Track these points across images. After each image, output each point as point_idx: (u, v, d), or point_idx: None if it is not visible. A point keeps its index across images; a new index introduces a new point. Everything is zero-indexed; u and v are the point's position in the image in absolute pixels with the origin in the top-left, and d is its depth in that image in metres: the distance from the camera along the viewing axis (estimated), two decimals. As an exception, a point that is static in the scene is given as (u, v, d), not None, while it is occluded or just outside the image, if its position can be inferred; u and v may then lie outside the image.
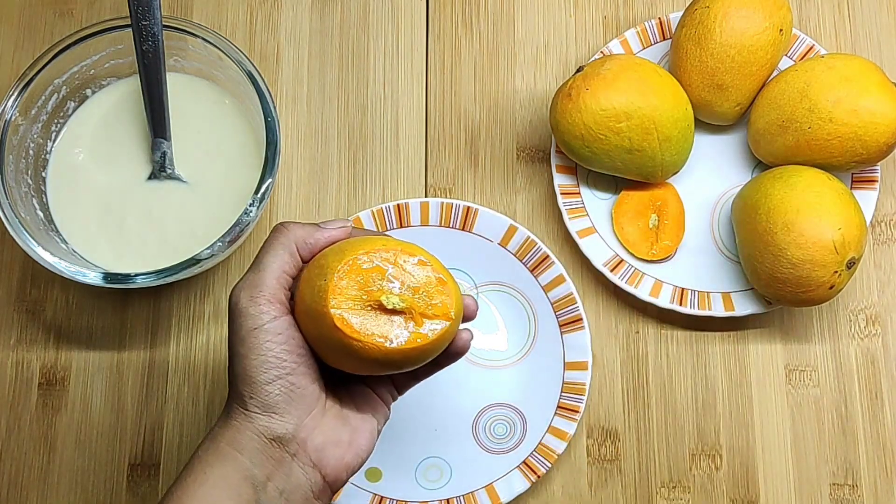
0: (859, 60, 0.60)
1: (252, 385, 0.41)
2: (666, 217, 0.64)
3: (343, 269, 0.41)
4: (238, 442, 0.42)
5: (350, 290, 0.41)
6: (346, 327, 0.41)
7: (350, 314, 0.41)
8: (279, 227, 0.44)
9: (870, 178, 0.64)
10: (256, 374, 0.41)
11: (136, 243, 0.61)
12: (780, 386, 0.63)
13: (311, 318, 0.42)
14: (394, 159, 0.68)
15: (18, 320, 0.65)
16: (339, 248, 0.43)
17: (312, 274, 0.43)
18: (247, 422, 0.42)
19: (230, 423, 0.42)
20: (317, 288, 0.42)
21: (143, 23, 0.58)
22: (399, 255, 0.42)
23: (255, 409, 0.42)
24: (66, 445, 0.63)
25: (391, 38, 0.70)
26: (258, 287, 0.42)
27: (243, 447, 0.42)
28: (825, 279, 0.56)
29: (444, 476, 0.62)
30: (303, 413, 0.43)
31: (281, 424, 0.42)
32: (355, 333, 0.41)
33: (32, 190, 0.61)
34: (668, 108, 0.59)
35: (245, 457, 0.42)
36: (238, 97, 0.63)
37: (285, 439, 0.42)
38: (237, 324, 0.42)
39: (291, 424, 0.42)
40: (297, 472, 0.43)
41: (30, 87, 0.59)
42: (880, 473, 0.62)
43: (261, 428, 0.42)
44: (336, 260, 0.42)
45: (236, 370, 0.42)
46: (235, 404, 0.42)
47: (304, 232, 0.44)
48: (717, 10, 0.60)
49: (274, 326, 0.42)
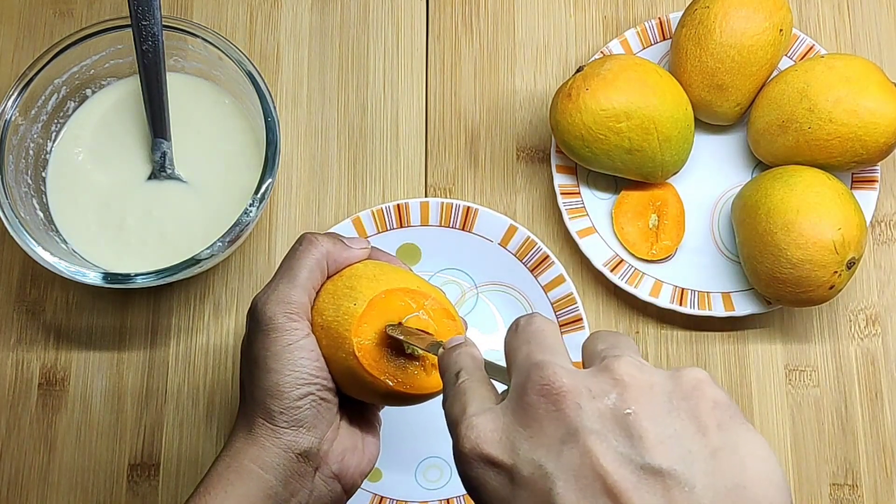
0: (859, 60, 0.60)
1: (283, 400, 0.41)
2: (666, 217, 0.64)
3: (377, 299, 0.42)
4: (262, 459, 0.41)
5: (376, 322, 0.42)
6: (364, 359, 0.41)
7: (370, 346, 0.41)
8: (311, 239, 0.44)
9: (870, 178, 0.64)
10: (290, 390, 0.41)
11: (136, 243, 0.61)
12: (780, 386, 0.63)
13: (329, 336, 0.43)
14: (394, 159, 0.68)
15: (18, 320, 0.65)
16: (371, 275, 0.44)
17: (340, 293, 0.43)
18: (274, 437, 0.41)
19: (253, 438, 0.42)
20: (343, 309, 0.42)
21: (143, 23, 0.58)
22: (430, 302, 0.43)
23: (284, 424, 0.41)
24: (66, 445, 0.63)
25: (391, 38, 0.70)
26: (292, 303, 0.42)
27: (268, 465, 0.41)
28: (825, 279, 0.56)
29: (444, 476, 0.62)
30: (325, 427, 0.43)
31: (308, 439, 0.42)
32: (370, 367, 0.41)
33: (32, 190, 0.61)
34: (668, 108, 0.59)
35: (270, 475, 0.41)
36: (238, 97, 0.63)
37: (311, 453, 0.42)
38: (271, 339, 0.42)
39: (317, 439, 0.42)
40: (320, 485, 0.43)
41: (30, 87, 0.59)
42: (880, 473, 0.62)
43: (288, 443, 0.42)
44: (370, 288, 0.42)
45: (265, 384, 0.41)
46: (260, 419, 0.42)
47: (334, 248, 0.44)
48: (717, 10, 0.60)
49: (307, 343, 0.42)
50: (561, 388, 0.29)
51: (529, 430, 0.29)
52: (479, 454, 0.30)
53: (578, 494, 0.27)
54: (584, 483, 0.27)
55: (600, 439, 0.28)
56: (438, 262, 0.64)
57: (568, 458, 0.28)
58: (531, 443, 0.29)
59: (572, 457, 0.28)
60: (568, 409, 0.29)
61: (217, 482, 0.41)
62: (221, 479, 0.42)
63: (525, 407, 0.30)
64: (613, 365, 0.29)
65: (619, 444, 0.28)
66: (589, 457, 0.27)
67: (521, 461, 0.29)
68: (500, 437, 0.30)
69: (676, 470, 0.27)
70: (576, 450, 0.28)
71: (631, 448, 0.27)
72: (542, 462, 0.28)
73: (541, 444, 0.29)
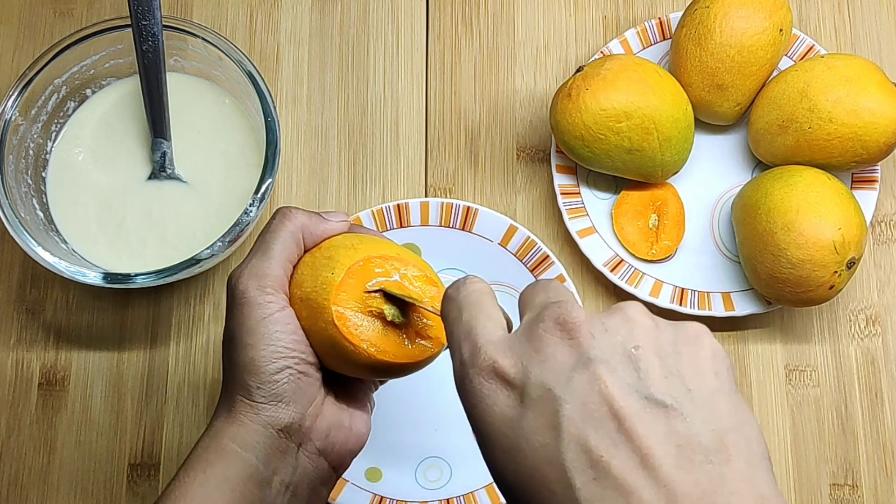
0: (859, 60, 0.60)
1: (260, 375, 0.40)
2: (666, 217, 0.64)
3: (355, 267, 0.41)
4: (242, 437, 0.41)
5: (355, 290, 0.41)
6: (343, 326, 0.40)
7: (350, 314, 0.41)
8: (285, 212, 0.43)
9: (870, 178, 0.64)
10: (266, 364, 0.40)
11: (136, 243, 0.61)
12: (780, 386, 0.63)
13: (309, 307, 0.42)
14: (394, 159, 0.68)
15: (18, 320, 0.65)
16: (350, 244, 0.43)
17: (318, 263, 0.42)
18: (252, 414, 0.41)
19: (233, 417, 0.41)
20: (321, 279, 0.41)
21: (143, 23, 0.58)
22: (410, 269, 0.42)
23: (262, 399, 0.41)
24: (66, 446, 0.63)
25: (391, 38, 0.70)
26: (266, 276, 0.41)
27: (248, 443, 0.41)
28: (825, 279, 0.56)
29: (444, 476, 0.62)
30: (307, 402, 0.42)
31: (288, 414, 0.41)
32: (350, 335, 0.40)
33: (32, 190, 0.61)
34: (668, 108, 0.59)
35: (251, 453, 0.41)
36: (238, 97, 0.63)
37: (292, 429, 0.41)
38: (243, 313, 0.41)
39: (298, 413, 0.41)
40: (304, 461, 0.42)
41: (30, 87, 0.59)
42: (880, 473, 0.62)
43: (268, 419, 0.41)
44: (347, 256, 0.41)
45: (241, 360, 0.41)
46: (239, 396, 0.41)
47: (310, 220, 0.43)
48: (717, 10, 0.60)
49: (283, 316, 0.41)
50: (576, 320, 0.31)
51: (541, 355, 0.30)
52: (495, 368, 0.31)
53: (585, 417, 0.28)
54: (591, 408, 0.29)
55: (609, 369, 0.29)
56: (438, 262, 0.64)
57: (577, 384, 0.29)
58: (542, 367, 0.30)
59: (582, 383, 0.29)
60: (582, 338, 0.30)
61: (196, 463, 0.41)
62: (201, 459, 0.41)
63: (539, 335, 0.31)
64: (625, 307, 0.31)
65: (626, 375, 0.29)
66: (598, 384, 0.29)
67: (531, 384, 0.30)
68: (513, 360, 0.31)
69: (678, 404, 0.29)
70: (585, 376, 0.29)
71: (637, 380, 0.29)
72: (551, 386, 0.29)
73: (551, 370, 0.30)
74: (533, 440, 0.29)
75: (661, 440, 0.28)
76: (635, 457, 0.28)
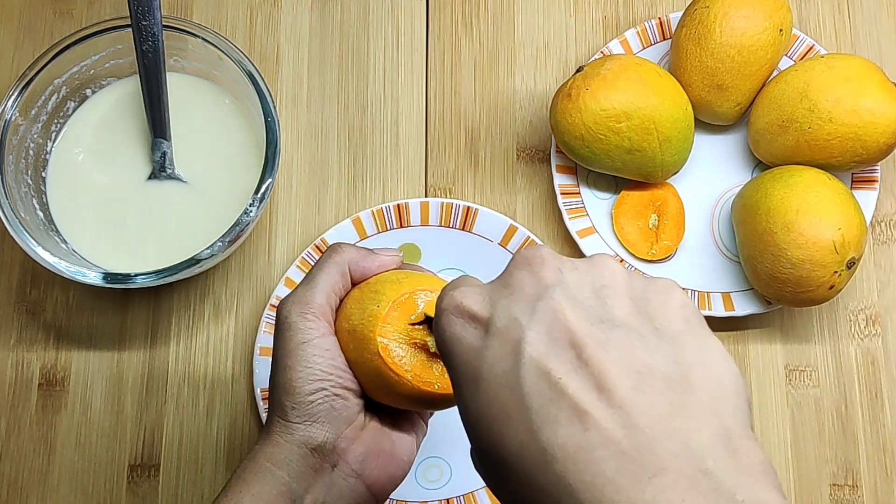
0: (859, 60, 0.60)
1: (295, 395, 0.42)
2: (666, 217, 0.64)
3: (399, 300, 0.42)
4: (275, 456, 0.42)
5: (400, 323, 0.42)
6: (388, 357, 0.42)
7: (394, 345, 0.42)
8: (334, 247, 0.46)
9: (870, 178, 0.64)
10: (301, 385, 0.42)
11: (136, 243, 0.61)
12: (780, 386, 0.63)
13: (355, 339, 0.43)
14: (394, 159, 0.68)
15: (18, 320, 0.65)
16: (395, 279, 0.44)
17: (365, 297, 0.44)
18: (287, 433, 0.42)
19: (270, 437, 0.43)
20: (367, 312, 0.43)
21: (143, 23, 0.58)
22: None
23: (297, 419, 0.42)
24: (65, 446, 0.63)
25: (391, 38, 0.70)
26: (308, 304, 0.43)
27: (281, 461, 0.42)
28: (825, 279, 0.56)
29: (444, 476, 0.62)
30: (342, 424, 0.43)
31: (322, 434, 0.43)
32: (394, 365, 0.42)
33: (32, 190, 0.61)
34: (668, 108, 0.59)
35: (283, 471, 0.42)
36: (238, 97, 0.63)
37: (325, 449, 0.43)
38: (286, 337, 0.43)
39: (332, 434, 0.43)
40: (339, 482, 0.43)
41: (30, 87, 0.59)
42: (880, 473, 0.62)
43: (301, 438, 0.42)
44: (393, 290, 0.43)
45: (280, 381, 0.43)
46: (276, 416, 0.43)
47: (358, 255, 0.45)
48: (717, 10, 0.60)
49: (321, 342, 0.43)
50: (545, 257, 0.32)
51: (509, 289, 0.31)
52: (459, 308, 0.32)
53: (546, 344, 0.29)
54: (554, 335, 0.29)
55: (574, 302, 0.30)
56: (438, 262, 0.64)
57: (541, 312, 0.29)
58: (510, 300, 0.31)
59: (546, 311, 0.29)
60: (548, 271, 0.31)
61: (235, 485, 0.43)
62: (239, 480, 0.43)
63: (509, 273, 0.32)
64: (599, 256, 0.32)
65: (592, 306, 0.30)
66: (562, 313, 0.29)
67: (497, 314, 0.31)
68: (482, 298, 0.32)
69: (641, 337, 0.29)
70: (550, 305, 0.30)
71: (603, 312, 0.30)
72: (516, 315, 0.30)
73: (518, 301, 0.30)
74: (495, 367, 0.29)
75: (621, 366, 0.28)
76: (592, 380, 0.27)
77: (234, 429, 0.63)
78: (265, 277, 0.65)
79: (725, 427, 0.27)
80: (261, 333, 0.62)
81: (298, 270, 0.63)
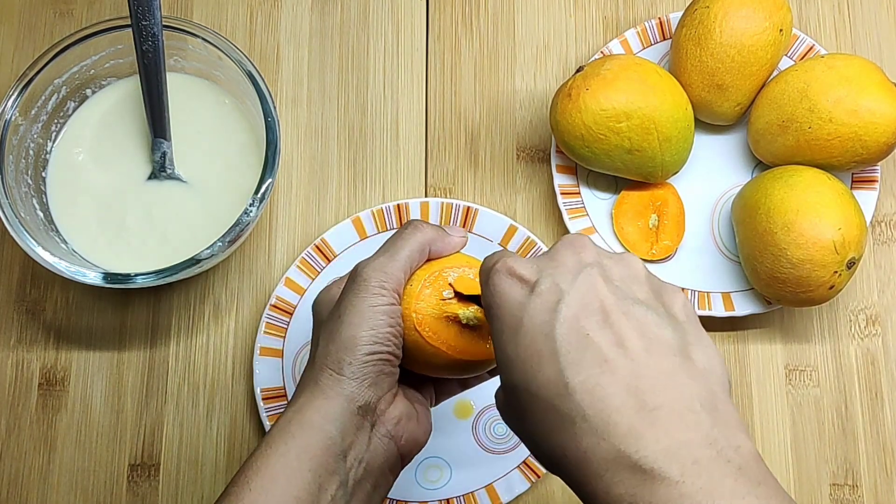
0: (859, 60, 0.60)
1: (355, 353, 0.44)
2: (666, 217, 0.64)
3: (430, 278, 0.46)
4: (326, 410, 0.44)
5: (432, 299, 0.46)
6: (424, 330, 0.45)
7: (429, 319, 0.46)
8: (416, 224, 0.48)
9: (870, 178, 0.64)
10: (364, 345, 0.44)
11: (136, 243, 0.61)
12: (780, 386, 0.63)
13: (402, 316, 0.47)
14: (394, 159, 0.68)
15: (18, 320, 0.65)
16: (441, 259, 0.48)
17: None
18: (338, 387, 0.44)
19: (319, 390, 0.45)
20: (406, 291, 0.46)
21: (143, 23, 0.58)
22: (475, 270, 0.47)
23: (350, 374, 0.44)
24: (66, 445, 0.63)
25: (391, 38, 0.70)
26: (389, 274, 0.46)
27: (331, 415, 0.44)
28: (825, 279, 0.56)
29: (444, 476, 0.62)
30: (384, 388, 0.46)
31: (368, 393, 0.45)
32: (430, 338, 0.45)
33: (32, 190, 0.61)
34: (668, 108, 0.59)
35: (331, 425, 0.44)
36: (238, 97, 0.63)
37: (369, 408, 0.45)
38: (360, 297, 0.45)
39: (375, 395, 0.45)
40: (376, 442, 0.45)
41: (30, 87, 0.59)
42: (880, 473, 0.62)
43: (351, 394, 0.44)
44: (424, 269, 0.47)
45: (342, 336, 0.45)
46: (329, 371, 0.45)
47: (436, 235, 0.48)
48: (717, 10, 0.60)
49: (391, 310, 0.45)
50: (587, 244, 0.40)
51: (555, 262, 0.39)
52: (511, 270, 0.39)
53: (580, 306, 0.36)
54: (587, 300, 0.36)
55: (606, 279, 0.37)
56: (438, 262, 0.64)
57: (580, 283, 0.37)
58: (555, 270, 0.38)
59: (584, 282, 0.37)
60: (588, 254, 0.39)
61: (279, 436, 0.44)
62: (283, 432, 0.44)
63: (556, 251, 0.39)
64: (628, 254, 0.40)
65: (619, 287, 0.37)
66: (595, 286, 0.37)
67: (543, 279, 0.38)
68: (531, 266, 0.39)
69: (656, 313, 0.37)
70: (589, 278, 0.37)
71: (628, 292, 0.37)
72: (559, 282, 0.37)
73: (562, 273, 0.38)
74: (535, 318, 0.36)
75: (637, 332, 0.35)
76: (614, 337, 0.35)
77: (234, 429, 0.63)
78: (265, 277, 0.65)
79: (712, 391, 0.35)
80: (261, 333, 0.62)
81: (298, 270, 0.63)
